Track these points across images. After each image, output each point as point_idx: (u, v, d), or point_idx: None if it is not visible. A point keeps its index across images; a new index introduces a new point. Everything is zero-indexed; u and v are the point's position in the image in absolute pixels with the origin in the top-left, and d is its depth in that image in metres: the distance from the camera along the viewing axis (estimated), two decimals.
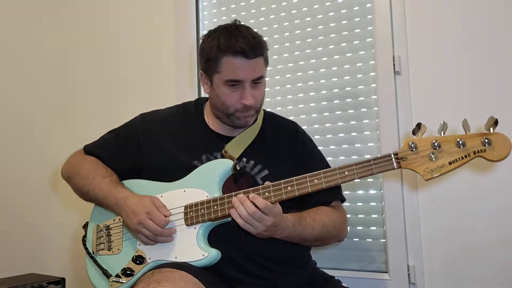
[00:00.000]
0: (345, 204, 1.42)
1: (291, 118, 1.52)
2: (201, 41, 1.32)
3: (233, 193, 1.15)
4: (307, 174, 1.12)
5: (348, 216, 1.41)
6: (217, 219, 1.17)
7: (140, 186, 1.30)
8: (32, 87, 2.49)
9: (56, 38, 2.45)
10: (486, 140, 0.97)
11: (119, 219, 1.30)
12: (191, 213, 1.19)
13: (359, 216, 1.73)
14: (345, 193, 1.57)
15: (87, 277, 1.34)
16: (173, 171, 1.28)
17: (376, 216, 1.71)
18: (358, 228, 1.73)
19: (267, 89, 1.91)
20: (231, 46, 1.20)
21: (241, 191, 1.14)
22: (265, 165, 1.30)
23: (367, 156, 1.73)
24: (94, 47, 2.36)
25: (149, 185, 1.29)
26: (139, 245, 1.25)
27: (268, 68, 1.89)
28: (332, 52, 1.82)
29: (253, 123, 1.36)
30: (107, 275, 1.26)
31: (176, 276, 1.05)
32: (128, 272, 1.22)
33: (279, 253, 1.24)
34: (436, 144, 1.01)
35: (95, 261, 1.31)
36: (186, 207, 1.21)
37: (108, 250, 1.31)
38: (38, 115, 2.46)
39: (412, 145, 1.03)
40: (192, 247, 1.17)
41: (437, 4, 1.62)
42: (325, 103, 1.82)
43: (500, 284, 1.47)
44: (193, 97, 1.85)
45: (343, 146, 1.78)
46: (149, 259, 1.22)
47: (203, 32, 2.09)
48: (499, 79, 1.51)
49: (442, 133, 1.02)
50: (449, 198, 1.56)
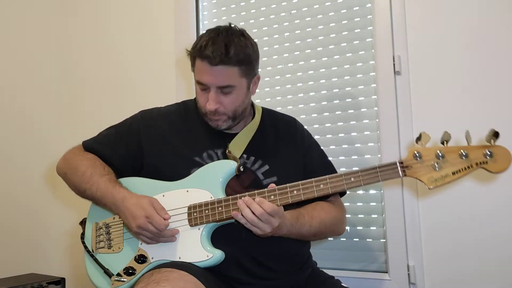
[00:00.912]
0: (345, 204, 1.42)
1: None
2: None
3: (238, 195, 1.15)
4: (313, 179, 1.13)
5: (348, 216, 1.41)
6: (221, 220, 1.17)
7: (142, 185, 1.29)
8: (35, 85, 2.49)
9: (57, 38, 2.45)
10: (488, 153, 1.01)
11: (119, 217, 1.29)
12: (195, 214, 1.19)
13: (359, 216, 1.73)
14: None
15: (87, 277, 1.33)
16: (174, 167, 1.28)
17: (376, 216, 1.71)
18: (358, 228, 1.73)
19: (266, 89, 1.93)
20: (200, 49, 1.22)
21: (247, 193, 1.14)
22: (265, 161, 1.30)
23: (367, 156, 1.73)
24: (94, 47, 2.36)
25: (151, 183, 1.29)
26: (141, 244, 1.24)
27: (268, 68, 1.93)
28: (332, 52, 1.82)
29: (251, 120, 1.37)
30: (108, 274, 1.26)
31: (175, 276, 1.05)
32: (130, 271, 1.22)
33: (279, 252, 1.24)
34: (440, 154, 1.04)
35: (95, 260, 1.30)
36: (189, 207, 1.21)
37: (108, 249, 1.30)
38: (38, 113, 2.46)
39: (417, 155, 1.05)
40: (196, 247, 1.17)
41: (437, 4, 1.62)
42: (325, 103, 1.82)
43: (500, 284, 1.47)
44: (192, 96, 1.85)
45: (343, 146, 1.78)
46: (152, 258, 1.21)
47: (203, 32, 2.08)
48: (499, 79, 1.51)
49: (446, 143, 1.04)
50: (449, 198, 1.56)
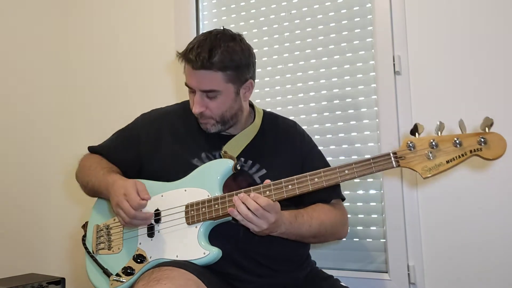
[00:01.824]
0: (345, 204, 1.42)
1: (291, 118, 1.52)
2: None
3: (234, 192, 1.15)
4: (307, 173, 1.13)
5: (348, 216, 1.41)
6: (218, 217, 1.17)
7: None
8: (36, 88, 2.49)
9: (57, 39, 2.46)
10: (482, 140, 1.00)
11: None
12: (192, 212, 1.20)
13: (359, 216, 1.73)
14: (345, 193, 1.57)
15: (87, 277, 1.34)
16: (172, 168, 1.29)
17: (376, 216, 1.71)
18: (358, 228, 1.73)
19: (267, 89, 1.93)
20: (185, 52, 1.24)
21: (242, 190, 1.15)
22: (262, 165, 1.30)
23: (367, 156, 1.73)
24: (94, 47, 2.36)
25: (150, 185, 1.30)
26: (140, 244, 1.25)
27: (268, 68, 1.93)
28: (332, 52, 1.82)
29: (251, 123, 1.37)
30: (107, 274, 1.26)
31: (175, 274, 1.05)
32: (128, 271, 1.22)
33: (277, 251, 1.24)
34: (433, 143, 1.03)
35: (95, 260, 1.31)
36: (187, 206, 1.21)
37: (108, 250, 1.31)
38: (39, 115, 2.46)
39: (411, 145, 1.05)
40: (193, 245, 1.17)
41: (437, 4, 1.62)
42: (325, 103, 1.82)
43: (501, 284, 1.47)
44: None
45: (343, 146, 1.78)
46: (150, 257, 1.22)
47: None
48: (498, 79, 1.51)
49: (439, 133, 1.04)
50: (449, 198, 1.56)
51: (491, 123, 1.00)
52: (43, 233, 2.37)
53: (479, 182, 1.52)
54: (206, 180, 1.23)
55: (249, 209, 1.09)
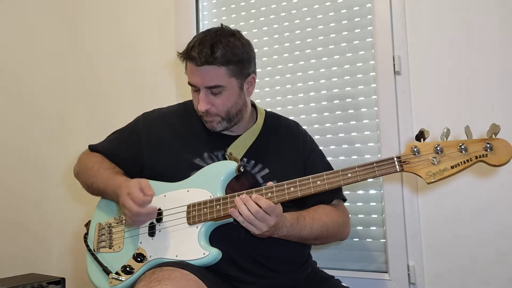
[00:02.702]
0: (345, 204, 1.42)
1: (291, 118, 1.52)
2: None
3: (236, 193, 1.15)
4: (310, 176, 1.12)
5: (349, 216, 1.40)
6: (219, 218, 1.17)
7: None
8: (39, 87, 2.49)
9: (58, 38, 2.46)
10: (488, 145, 0.98)
11: (121, 217, 1.31)
12: (193, 212, 1.20)
13: (359, 216, 1.73)
14: (345, 193, 1.57)
15: (87, 277, 1.34)
16: (174, 169, 1.29)
17: (376, 216, 1.71)
18: (358, 228, 1.73)
19: (267, 89, 1.93)
20: (187, 51, 1.24)
21: (244, 191, 1.15)
22: (265, 164, 1.30)
23: (367, 156, 1.73)
24: (94, 47, 2.36)
25: (153, 185, 1.29)
26: (141, 243, 1.25)
27: (268, 68, 1.93)
28: (332, 52, 1.82)
29: (254, 123, 1.37)
30: (107, 272, 1.26)
31: (177, 275, 1.05)
32: (128, 269, 1.22)
33: (278, 252, 1.24)
34: (438, 148, 1.02)
35: (96, 258, 1.32)
36: (189, 206, 1.21)
37: (109, 248, 1.31)
38: (38, 115, 2.46)
39: (415, 149, 1.04)
40: (193, 245, 1.17)
41: (437, 4, 1.62)
42: (325, 103, 1.82)
43: (501, 284, 1.47)
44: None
45: (343, 146, 1.78)
46: (150, 257, 1.22)
47: None
48: (498, 79, 1.51)
49: (445, 138, 1.03)
50: (449, 198, 1.56)
51: (498, 130, 0.98)
52: (43, 233, 2.37)
53: (479, 183, 1.52)
54: (209, 181, 1.23)
55: (250, 211, 1.09)
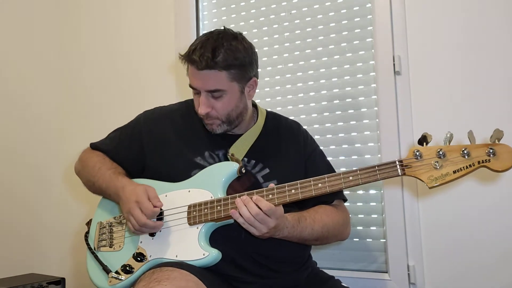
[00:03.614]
0: (346, 204, 1.42)
1: (291, 118, 1.52)
2: None
3: (237, 194, 1.15)
4: (311, 178, 1.12)
5: (349, 217, 1.40)
6: (220, 219, 1.17)
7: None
8: (39, 88, 2.49)
9: (58, 38, 2.46)
10: (491, 151, 0.98)
11: (122, 216, 1.31)
12: (194, 213, 1.20)
13: (359, 216, 1.73)
14: (346, 193, 1.56)
15: (87, 277, 1.34)
16: (175, 167, 1.29)
17: (376, 216, 1.71)
18: (358, 228, 1.73)
19: (266, 89, 1.93)
20: (188, 54, 1.23)
21: (245, 192, 1.15)
22: (266, 164, 1.31)
23: (367, 156, 1.73)
24: (94, 46, 2.36)
25: (154, 184, 1.30)
26: (141, 242, 1.25)
27: (268, 68, 1.93)
28: (332, 52, 1.82)
29: (254, 123, 1.37)
30: (106, 271, 1.27)
31: (176, 275, 1.05)
32: (128, 269, 1.22)
33: (279, 253, 1.24)
34: (441, 153, 1.02)
35: (96, 257, 1.32)
36: (189, 206, 1.21)
37: (110, 247, 1.31)
38: (39, 115, 2.46)
39: (417, 153, 1.04)
40: (193, 246, 1.17)
41: (437, 4, 1.62)
42: (325, 103, 1.82)
43: (500, 284, 1.47)
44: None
45: (343, 146, 1.78)
46: (150, 256, 1.22)
47: (203, 32, 2.08)
48: (499, 79, 1.51)
49: (448, 143, 1.02)
50: (449, 198, 1.56)
51: (501, 135, 0.97)
52: (43, 233, 2.37)
53: (479, 183, 1.52)
54: (210, 182, 1.23)
55: (250, 212, 1.09)
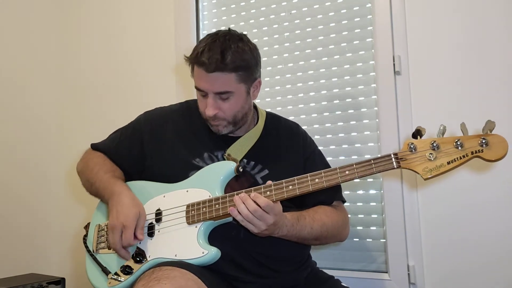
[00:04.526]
0: (345, 204, 1.42)
1: (291, 118, 1.53)
2: None
3: (234, 192, 1.16)
4: (308, 174, 1.13)
5: (349, 218, 1.41)
6: (218, 218, 1.17)
7: (144, 187, 1.32)
8: (39, 88, 2.48)
9: (58, 38, 2.46)
10: (484, 141, 1.00)
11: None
12: (192, 212, 1.20)
13: (359, 216, 1.73)
14: (345, 193, 1.57)
15: (87, 277, 1.34)
16: (174, 168, 1.29)
17: (376, 216, 1.71)
18: (358, 228, 1.73)
19: (266, 89, 1.93)
20: (196, 56, 1.23)
21: (243, 190, 1.15)
22: (265, 165, 1.31)
23: (367, 156, 1.73)
24: (94, 46, 2.37)
25: (153, 186, 1.31)
26: (140, 243, 1.25)
27: (268, 68, 1.93)
28: (332, 52, 1.83)
29: (254, 125, 1.38)
30: (106, 272, 1.27)
31: (176, 274, 1.05)
32: (127, 270, 1.22)
33: (278, 252, 1.24)
34: (434, 145, 1.04)
35: (95, 259, 1.32)
36: (188, 205, 1.22)
37: (108, 249, 1.31)
38: (39, 115, 2.46)
39: (412, 146, 1.06)
40: (192, 245, 1.17)
41: (437, 4, 1.62)
42: (325, 103, 1.82)
43: (500, 284, 1.47)
44: (193, 96, 1.85)
45: (343, 146, 1.78)
46: (149, 257, 1.22)
47: (203, 32, 2.10)
48: (498, 79, 1.51)
49: (441, 135, 1.05)
50: (449, 198, 1.56)
51: (493, 126, 1.00)
52: (43, 233, 2.37)
53: (479, 182, 1.52)
54: (208, 181, 1.23)
55: (248, 209, 1.09)
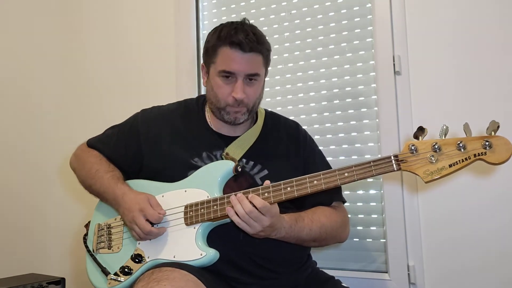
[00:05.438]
0: (345, 204, 1.42)
1: (291, 118, 1.52)
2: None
3: (232, 193, 1.15)
4: (307, 175, 1.11)
5: (348, 218, 1.40)
6: (216, 219, 1.17)
7: (142, 186, 1.31)
8: (39, 87, 2.49)
9: (58, 36, 2.46)
10: (487, 143, 0.96)
11: (120, 218, 1.31)
12: (191, 213, 1.19)
13: (359, 216, 1.73)
14: (345, 193, 1.57)
15: (87, 277, 1.34)
16: (171, 168, 1.28)
17: (376, 216, 1.71)
18: (358, 228, 1.73)
19: (267, 89, 1.91)
20: (229, 36, 1.22)
21: (241, 191, 1.14)
22: (264, 165, 1.30)
23: (367, 156, 1.73)
24: (94, 45, 2.37)
25: (151, 185, 1.30)
26: (139, 244, 1.25)
27: (268, 68, 1.92)
28: (332, 52, 1.82)
29: (254, 124, 1.37)
30: (105, 273, 1.27)
31: (176, 275, 1.05)
32: (126, 270, 1.22)
33: (277, 253, 1.24)
34: (436, 146, 1.00)
35: (95, 259, 1.32)
36: (186, 206, 1.21)
37: (108, 249, 1.31)
38: (39, 114, 2.46)
39: (413, 148, 1.02)
40: (191, 246, 1.17)
41: (437, 4, 1.62)
42: (325, 103, 1.82)
43: (500, 284, 1.47)
44: (193, 95, 1.85)
45: (343, 146, 1.78)
46: (148, 257, 1.22)
47: (203, 32, 2.10)
48: (498, 79, 1.51)
49: (443, 136, 1.01)
50: (449, 198, 1.56)
51: (497, 126, 0.96)
52: (43, 233, 2.37)
53: (479, 182, 1.52)
54: (206, 181, 1.22)
55: (244, 210, 1.09)
